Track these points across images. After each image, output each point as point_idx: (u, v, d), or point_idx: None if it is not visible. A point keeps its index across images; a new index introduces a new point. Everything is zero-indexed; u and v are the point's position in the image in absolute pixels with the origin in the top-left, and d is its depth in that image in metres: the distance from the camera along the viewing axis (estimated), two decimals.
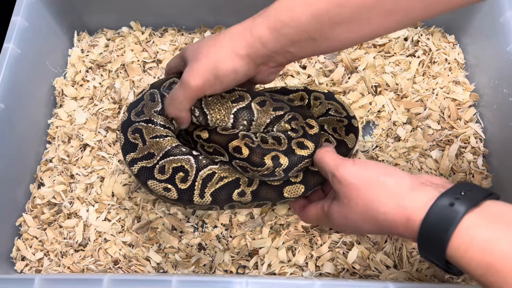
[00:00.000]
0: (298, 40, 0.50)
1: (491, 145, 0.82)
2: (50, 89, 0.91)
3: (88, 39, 0.97)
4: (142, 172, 0.58)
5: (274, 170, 0.55)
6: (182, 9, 0.94)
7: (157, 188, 0.57)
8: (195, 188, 0.57)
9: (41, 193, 0.81)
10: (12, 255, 0.77)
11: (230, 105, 0.59)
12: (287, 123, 0.59)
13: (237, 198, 0.58)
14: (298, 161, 0.56)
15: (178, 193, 0.57)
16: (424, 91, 0.87)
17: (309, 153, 0.56)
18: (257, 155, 0.55)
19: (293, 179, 0.59)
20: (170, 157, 0.58)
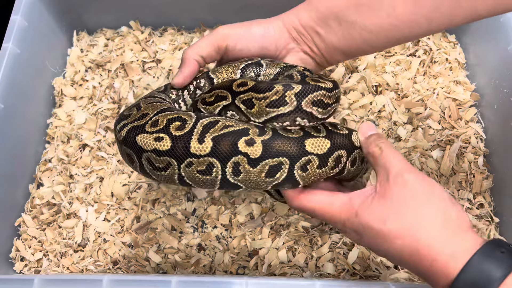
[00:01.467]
0: (325, 19, 0.51)
1: (492, 145, 0.81)
2: (49, 89, 0.90)
3: (88, 39, 0.97)
4: (131, 131, 0.49)
5: (284, 94, 0.46)
6: (181, 9, 0.93)
7: (147, 140, 0.47)
8: (194, 134, 0.46)
9: (40, 193, 0.80)
10: (11, 256, 0.77)
11: (238, 64, 0.56)
12: (300, 68, 0.54)
13: (245, 149, 0.45)
14: (313, 88, 0.47)
15: (172, 141, 0.46)
16: (424, 91, 0.87)
17: (326, 85, 0.48)
18: (264, 83, 0.48)
19: (315, 132, 0.49)
20: (166, 112, 0.50)
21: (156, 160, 0.47)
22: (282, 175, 0.47)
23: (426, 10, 0.48)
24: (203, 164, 0.46)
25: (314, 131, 0.49)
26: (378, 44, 0.52)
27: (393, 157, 0.46)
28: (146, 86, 0.90)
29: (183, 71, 0.56)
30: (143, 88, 0.90)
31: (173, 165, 0.46)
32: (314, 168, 0.47)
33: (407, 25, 0.49)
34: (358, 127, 0.52)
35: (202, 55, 0.56)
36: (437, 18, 0.48)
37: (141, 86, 0.90)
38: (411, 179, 0.44)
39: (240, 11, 0.93)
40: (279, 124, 0.49)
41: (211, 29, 0.96)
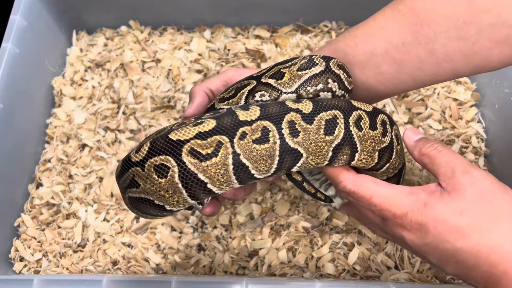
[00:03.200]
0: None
1: (493, 145, 0.81)
2: (49, 89, 0.90)
3: (87, 38, 0.97)
4: (155, 142, 0.42)
5: (311, 57, 0.48)
6: (181, 8, 0.93)
7: (184, 131, 0.41)
8: (235, 109, 0.44)
9: (40, 193, 0.80)
10: (11, 256, 0.76)
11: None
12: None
13: (294, 105, 0.43)
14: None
15: (215, 118, 0.42)
16: (425, 91, 0.87)
17: None
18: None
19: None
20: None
21: (202, 145, 0.40)
22: (340, 132, 0.43)
23: (409, 70, 0.50)
24: (257, 131, 0.41)
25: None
26: (365, 97, 0.54)
27: (455, 156, 0.44)
28: (146, 85, 0.90)
29: (194, 102, 0.56)
30: (143, 88, 0.89)
31: (224, 143, 0.40)
32: (367, 127, 0.45)
33: (392, 82, 0.51)
34: (403, 133, 0.51)
35: (210, 88, 0.56)
36: (421, 77, 0.50)
37: (140, 86, 0.90)
38: (481, 176, 0.42)
39: (240, 11, 0.93)
40: (313, 88, 0.47)
41: (211, 29, 0.96)
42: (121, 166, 0.45)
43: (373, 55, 0.51)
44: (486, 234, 0.39)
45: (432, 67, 0.49)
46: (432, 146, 0.47)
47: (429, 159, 0.46)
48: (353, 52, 0.52)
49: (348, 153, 0.45)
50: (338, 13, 0.95)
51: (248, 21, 0.95)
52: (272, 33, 0.95)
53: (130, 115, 0.87)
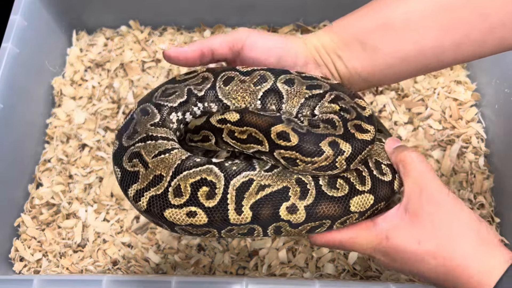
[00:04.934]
0: (348, 43, 0.50)
1: (493, 145, 0.81)
2: (49, 89, 0.90)
3: (87, 38, 0.97)
4: (153, 203, 0.44)
5: (335, 159, 0.43)
6: (181, 8, 0.93)
7: (178, 217, 0.43)
8: (228, 202, 0.43)
9: (40, 193, 0.80)
10: (11, 256, 0.76)
11: (253, 88, 0.49)
12: (333, 103, 0.48)
13: (287, 217, 0.43)
14: (361, 147, 0.44)
15: (207, 214, 0.43)
16: (425, 91, 0.87)
17: (371, 137, 0.45)
18: (310, 142, 0.43)
19: (360, 186, 0.46)
20: (185, 172, 0.44)
21: (193, 230, 0.45)
22: (321, 231, 0.47)
23: (456, 36, 0.46)
24: (245, 229, 0.44)
25: (359, 183, 0.46)
26: (402, 71, 0.50)
27: (425, 171, 0.44)
28: (146, 86, 0.90)
29: (183, 47, 0.50)
30: (143, 88, 0.89)
31: (212, 232, 0.45)
32: (352, 221, 0.46)
33: (433, 52, 0.48)
34: (385, 143, 0.50)
35: (212, 48, 0.50)
36: (466, 46, 0.47)
37: (140, 86, 0.90)
38: (443, 198, 0.43)
39: (240, 11, 0.93)
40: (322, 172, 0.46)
41: (211, 29, 0.96)
42: None
43: (414, 17, 0.46)
44: (443, 258, 0.42)
45: (482, 33, 0.46)
46: (409, 154, 0.46)
47: (403, 169, 0.46)
48: (392, 13, 0.48)
49: None
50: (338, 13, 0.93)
51: (248, 21, 0.95)
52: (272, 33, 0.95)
53: None
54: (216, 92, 0.50)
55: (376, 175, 0.47)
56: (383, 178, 0.47)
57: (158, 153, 0.46)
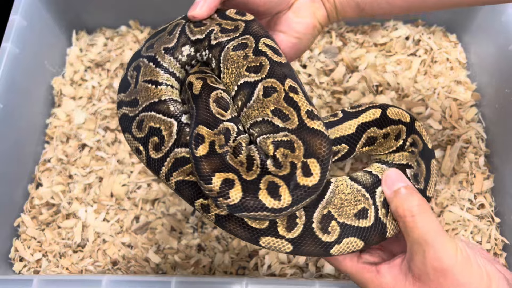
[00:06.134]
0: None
1: (493, 145, 0.81)
2: (48, 89, 0.90)
3: (87, 38, 0.96)
4: (123, 120, 0.49)
5: (218, 196, 0.41)
6: (181, 8, 0.93)
7: (131, 145, 0.49)
8: (164, 166, 0.46)
9: (39, 193, 0.80)
10: (10, 256, 0.76)
11: (242, 72, 0.47)
12: (273, 146, 0.44)
13: (200, 208, 0.46)
14: (254, 206, 0.41)
15: (147, 160, 0.47)
16: (425, 91, 0.87)
17: (279, 206, 0.41)
18: (208, 165, 0.43)
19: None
20: (152, 112, 0.48)
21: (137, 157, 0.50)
22: None
23: None
24: (172, 186, 0.47)
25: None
26: (396, 1, 0.50)
27: (429, 230, 0.41)
28: None
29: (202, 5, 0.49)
30: None
31: (142, 160, 0.49)
32: None
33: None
34: (383, 176, 0.47)
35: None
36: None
37: None
38: (450, 263, 0.40)
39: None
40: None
41: None
42: None
43: None
44: None
45: None
46: (409, 210, 0.42)
47: (403, 227, 0.43)
48: None
49: None
50: None
51: None
52: None
53: None
54: (224, 50, 0.49)
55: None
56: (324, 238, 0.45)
57: (149, 80, 0.49)
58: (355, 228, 0.45)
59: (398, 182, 0.45)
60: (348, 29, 0.95)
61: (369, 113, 0.49)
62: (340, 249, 0.45)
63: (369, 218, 0.46)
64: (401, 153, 0.51)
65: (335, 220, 0.45)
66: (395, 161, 0.50)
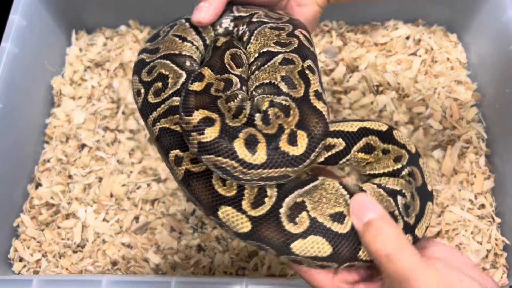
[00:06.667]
0: None
1: (493, 145, 0.81)
2: (48, 89, 0.90)
3: (86, 38, 0.96)
4: (138, 64, 0.49)
5: (192, 130, 0.39)
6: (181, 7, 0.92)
7: (134, 87, 0.48)
8: (156, 111, 0.45)
9: (39, 193, 0.80)
10: (10, 256, 0.76)
11: (268, 43, 0.47)
12: (269, 103, 0.42)
13: (173, 160, 0.44)
14: (225, 150, 0.38)
15: (142, 103, 0.46)
16: (426, 91, 0.87)
17: (250, 160, 0.38)
18: (196, 100, 0.41)
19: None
20: (167, 61, 0.48)
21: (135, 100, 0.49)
22: None
23: None
24: (154, 133, 0.46)
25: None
26: None
27: (408, 267, 0.37)
28: None
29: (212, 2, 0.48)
30: None
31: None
32: None
33: None
34: (350, 201, 0.43)
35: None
36: None
37: None
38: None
39: None
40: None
41: None
42: None
43: None
44: None
45: None
46: (382, 245, 0.38)
47: (379, 264, 0.39)
48: None
49: None
50: (338, 13, 0.94)
51: None
52: None
53: (130, 115, 0.87)
54: (261, 27, 0.49)
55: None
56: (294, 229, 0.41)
57: (179, 35, 0.50)
58: (326, 229, 0.41)
59: (369, 212, 0.40)
60: (348, 28, 0.94)
61: (376, 124, 0.49)
62: (303, 247, 0.41)
63: (344, 225, 0.42)
64: (396, 179, 0.48)
65: (307, 212, 0.42)
66: (388, 185, 0.47)
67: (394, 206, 0.45)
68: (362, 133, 0.47)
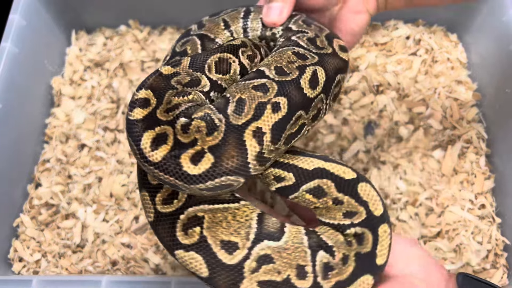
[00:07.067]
0: None
1: (494, 145, 0.81)
2: (48, 88, 0.90)
3: (86, 38, 0.96)
4: (184, 33, 0.53)
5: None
6: (181, 7, 0.93)
7: (167, 53, 0.52)
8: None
9: (39, 193, 0.80)
10: (10, 256, 0.76)
11: (270, 64, 0.45)
12: (201, 116, 0.41)
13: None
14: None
15: (162, 65, 0.47)
16: (426, 90, 0.87)
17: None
18: (153, 82, 0.44)
19: None
20: (198, 40, 0.50)
21: None
22: None
23: None
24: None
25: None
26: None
27: None
28: None
29: (277, 8, 0.47)
30: None
31: None
32: None
33: None
34: None
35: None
36: None
37: None
38: None
39: None
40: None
41: None
42: None
43: None
44: None
45: None
46: None
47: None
48: None
49: None
50: None
51: None
52: None
53: None
54: (286, 46, 0.48)
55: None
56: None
57: (226, 21, 0.53)
58: (210, 252, 0.40)
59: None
60: None
61: (341, 169, 0.44)
62: (184, 258, 0.41)
63: (232, 257, 0.40)
64: (335, 233, 0.43)
65: (201, 228, 0.41)
66: (322, 235, 0.43)
67: (309, 261, 0.41)
68: (316, 174, 0.44)
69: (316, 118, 0.46)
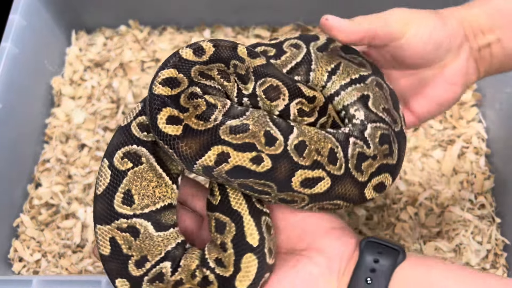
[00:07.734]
0: (509, 19, 0.45)
1: (494, 145, 0.81)
2: (48, 88, 0.90)
3: (86, 38, 0.96)
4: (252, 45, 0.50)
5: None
6: (181, 7, 0.93)
7: None
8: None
9: (39, 193, 0.80)
10: (10, 256, 0.76)
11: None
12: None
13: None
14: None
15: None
16: None
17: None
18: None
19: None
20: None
21: None
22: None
23: None
24: None
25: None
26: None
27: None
28: (145, 85, 0.89)
29: (348, 24, 0.46)
30: (142, 88, 0.89)
31: None
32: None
33: None
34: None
35: (374, 35, 0.46)
36: None
37: (140, 86, 0.89)
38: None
39: (240, 10, 0.92)
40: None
41: (210, 28, 0.96)
42: None
43: None
44: None
45: None
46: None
47: None
48: None
49: None
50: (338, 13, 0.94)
51: (248, 21, 0.94)
52: (272, 32, 0.94)
53: None
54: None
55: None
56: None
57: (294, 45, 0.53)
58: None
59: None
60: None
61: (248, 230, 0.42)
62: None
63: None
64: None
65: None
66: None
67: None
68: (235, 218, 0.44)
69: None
